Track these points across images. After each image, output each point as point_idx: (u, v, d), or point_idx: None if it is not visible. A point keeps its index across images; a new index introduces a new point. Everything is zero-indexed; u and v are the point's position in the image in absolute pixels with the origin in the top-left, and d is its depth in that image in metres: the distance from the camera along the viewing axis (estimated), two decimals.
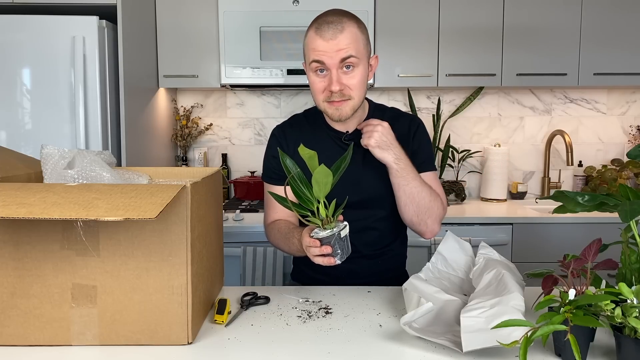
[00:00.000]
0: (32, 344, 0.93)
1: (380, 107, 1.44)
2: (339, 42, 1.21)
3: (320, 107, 1.30)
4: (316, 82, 1.26)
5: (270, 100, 2.90)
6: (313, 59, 1.24)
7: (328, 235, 1.07)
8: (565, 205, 0.99)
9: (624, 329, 0.82)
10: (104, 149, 2.14)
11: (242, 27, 2.45)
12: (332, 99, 1.25)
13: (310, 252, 1.11)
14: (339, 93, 1.24)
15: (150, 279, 0.93)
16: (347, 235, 1.10)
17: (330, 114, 1.29)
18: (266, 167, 1.43)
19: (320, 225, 1.09)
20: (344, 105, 1.26)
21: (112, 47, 2.18)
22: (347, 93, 1.25)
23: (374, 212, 1.38)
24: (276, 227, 1.37)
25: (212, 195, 1.12)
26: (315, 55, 1.23)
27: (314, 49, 1.23)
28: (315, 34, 1.24)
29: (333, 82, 1.22)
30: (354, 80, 1.24)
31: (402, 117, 1.42)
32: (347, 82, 1.24)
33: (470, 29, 2.52)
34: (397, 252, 1.47)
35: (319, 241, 1.08)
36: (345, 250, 1.10)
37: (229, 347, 0.94)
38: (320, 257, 1.10)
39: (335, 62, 1.22)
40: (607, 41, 2.51)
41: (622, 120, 2.90)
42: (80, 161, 1.06)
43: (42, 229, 0.92)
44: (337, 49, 1.21)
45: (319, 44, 1.22)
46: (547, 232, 2.31)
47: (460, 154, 2.82)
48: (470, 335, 0.86)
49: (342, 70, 1.24)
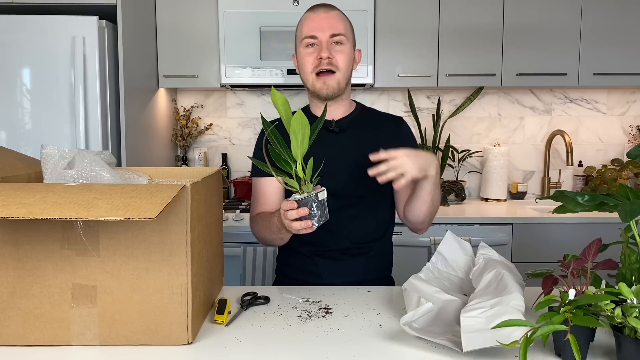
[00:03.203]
0: (32, 344, 0.93)
1: (366, 108, 1.50)
2: (330, 18, 1.34)
3: (309, 82, 1.37)
4: (306, 55, 1.36)
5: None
6: (305, 35, 1.35)
7: (304, 197, 1.07)
8: (565, 205, 0.99)
9: (624, 329, 0.82)
10: (104, 149, 2.14)
11: (242, 27, 2.45)
12: (320, 68, 1.34)
13: (288, 217, 1.10)
14: (327, 61, 1.33)
15: (150, 279, 0.93)
16: (324, 199, 1.09)
17: (318, 88, 1.36)
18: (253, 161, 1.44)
19: (298, 189, 1.09)
20: (330, 78, 1.35)
21: (112, 47, 2.18)
22: (334, 63, 1.34)
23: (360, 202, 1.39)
24: (259, 216, 1.39)
25: (212, 195, 1.12)
26: (307, 30, 1.34)
27: (307, 24, 1.35)
28: (309, 12, 1.38)
29: (323, 49, 1.33)
30: (341, 54, 1.35)
31: (388, 119, 1.48)
32: (336, 55, 1.34)
33: (470, 29, 2.52)
34: (382, 252, 1.46)
35: (295, 203, 1.08)
36: (323, 215, 1.09)
37: (229, 347, 0.94)
38: (297, 223, 1.09)
39: (326, 36, 1.33)
40: (607, 41, 2.51)
41: (622, 120, 2.90)
42: (80, 161, 1.06)
43: (42, 229, 0.92)
44: (329, 25, 1.34)
45: (312, 19, 1.35)
46: (547, 232, 2.31)
47: (460, 154, 2.82)
48: (470, 335, 0.86)
49: (331, 44, 1.35)
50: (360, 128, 1.42)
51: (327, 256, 1.39)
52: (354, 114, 1.45)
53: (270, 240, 1.35)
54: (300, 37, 1.37)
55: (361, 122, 1.44)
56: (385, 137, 1.41)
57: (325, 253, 1.39)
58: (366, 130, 1.42)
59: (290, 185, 1.09)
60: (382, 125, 1.43)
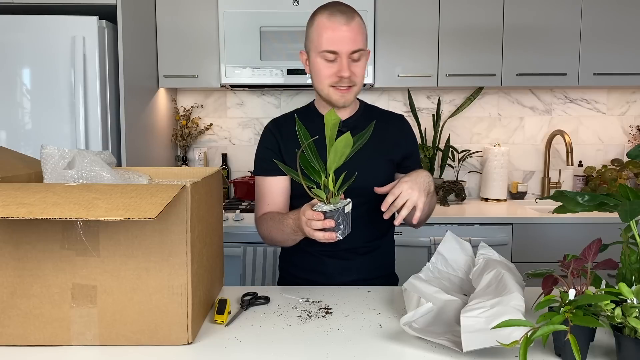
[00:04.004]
0: (32, 344, 0.93)
1: (369, 106, 1.51)
2: (351, 31, 1.30)
3: (324, 92, 1.35)
4: (324, 68, 1.33)
5: (270, 100, 2.90)
6: (325, 49, 1.30)
7: (333, 209, 1.06)
8: (565, 205, 0.99)
9: (624, 329, 0.82)
10: (104, 149, 2.14)
11: (242, 27, 2.45)
12: (339, 84, 1.32)
13: (312, 226, 1.10)
14: (348, 79, 1.31)
15: (150, 279, 0.93)
16: (350, 212, 1.09)
17: (335, 99, 1.35)
18: (259, 159, 1.44)
19: (324, 199, 1.08)
20: (349, 92, 1.34)
21: (112, 47, 2.18)
22: (353, 80, 1.33)
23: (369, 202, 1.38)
24: (268, 216, 1.38)
25: (212, 195, 1.12)
26: (328, 44, 1.30)
27: (326, 36, 1.30)
28: (327, 19, 1.30)
29: (344, 68, 1.30)
30: (359, 69, 1.34)
31: (392, 117, 1.50)
32: (354, 70, 1.32)
33: (470, 29, 2.52)
34: (386, 250, 1.49)
35: (322, 214, 1.07)
36: (347, 227, 1.09)
37: (229, 347, 0.94)
38: (320, 232, 1.09)
39: (347, 52, 1.30)
40: (607, 41, 2.51)
41: (622, 120, 2.90)
42: (80, 161, 1.06)
43: (42, 229, 0.92)
44: (351, 39, 1.30)
45: (333, 30, 1.29)
46: (547, 232, 2.31)
47: (460, 154, 2.82)
48: (470, 335, 0.86)
49: (350, 59, 1.31)
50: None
51: (336, 256, 1.40)
52: (359, 112, 1.45)
53: (281, 242, 1.35)
54: (318, 46, 1.32)
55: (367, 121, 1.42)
56: (390, 135, 1.43)
57: (335, 253, 1.39)
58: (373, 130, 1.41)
59: (317, 195, 1.08)
60: (387, 123, 1.44)
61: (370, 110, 1.48)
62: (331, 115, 1.04)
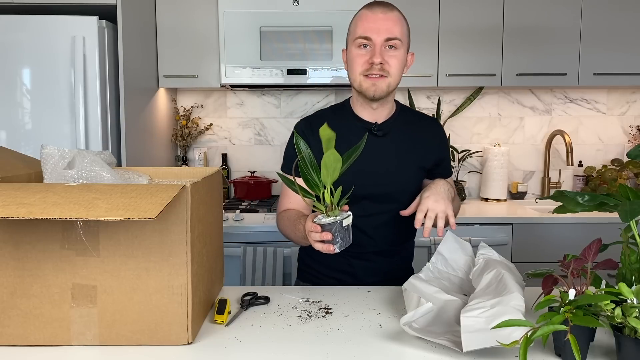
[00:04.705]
0: (32, 344, 0.93)
1: (405, 108, 1.48)
2: (387, 20, 1.28)
3: (356, 82, 1.33)
4: (357, 56, 1.31)
5: (270, 100, 2.90)
6: (360, 35, 1.29)
7: (329, 222, 1.07)
8: (565, 205, 0.99)
9: (624, 329, 0.82)
10: (104, 149, 2.14)
11: (242, 27, 2.45)
12: (370, 71, 1.29)
13: (311, 237, 1.11)
14: (379, 67, 1.28)
15: (150, 279, 0.93)
16: (349, 225, 1.09)
17: (365, 88, 1.31)
18: (286, 158, 1.44)
19: (324, 212, 1.09)
20: (380, 81, 1.30)
21: (112, 47, 2.18)
22: (387, 69, 1.29)
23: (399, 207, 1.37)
24: (286, 214, 1.38)
25: (212, 195, 1.12)
26: (362, 30, 1.29)
27: (362, 24, 1.29)
28: (366, 10, 1.31)
29: (376, 54, 1.28)
30: (394, 59, 1.30)
31: (426, 121, 1.48)
32: (388, 60, 1.29)
33: (470, 29, 2.51)
34: (410, 252, 1.50)
35: (320, 227, 1.08)
36: (346, 240, 1.09)
37: (229, 347, 0.94)
38: (320, 244, 1.10)
39: (381, 39, 1.28)
40: (607, 41, 2.51)
41: (622, 120, 2.90)
42: (80, 161, 1.06)
43: (42, 229, 0.92)
44: (385, 27, 1.28)
45: (369, 19, 1.29)
46: (547, 232, 2.31)
47: (460, 154, 2.82)
48: (470, 335, 0.86)
49: (385, 48, 1.29)
50: (402, 132, 1.40)
51: (362, 257, 1.40)
52: (395, 115, 1.42)
53: (296, 242, 1.37)
54: (354, 35, 1.31)
55: (402, 124, 1.42)
56: (424, 140, 1.42)
57: (362, 255, 1.39)
58: (407, 134, 1.40)
59: (317, 208, 1.09)
60: (421, 128, 1.43)
61: (405, 112, 1.45)
62: (325, 131, 1.04)
